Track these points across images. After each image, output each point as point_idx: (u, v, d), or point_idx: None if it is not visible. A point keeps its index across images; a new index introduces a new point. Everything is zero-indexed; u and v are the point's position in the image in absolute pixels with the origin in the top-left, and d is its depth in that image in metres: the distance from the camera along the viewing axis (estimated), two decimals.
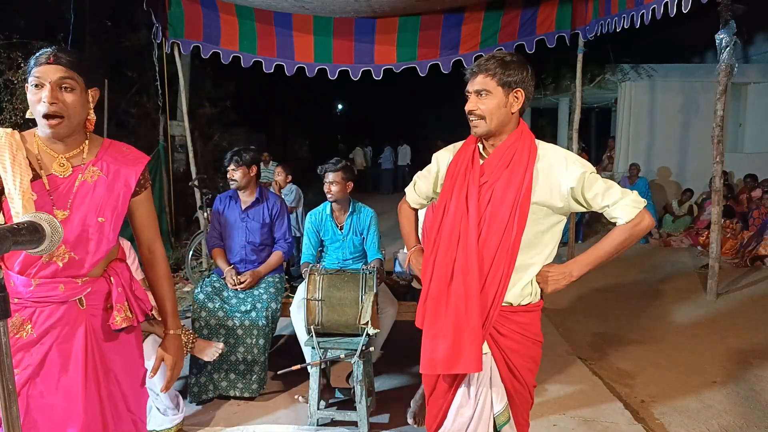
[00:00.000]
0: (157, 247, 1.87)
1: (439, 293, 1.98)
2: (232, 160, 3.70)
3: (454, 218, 1.97)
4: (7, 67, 6.70)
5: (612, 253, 1.94)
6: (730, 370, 4.00)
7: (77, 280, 1.65)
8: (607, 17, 5.65)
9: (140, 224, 1.83)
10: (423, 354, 2.01)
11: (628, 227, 1.89)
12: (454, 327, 1.92)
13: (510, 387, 2.03)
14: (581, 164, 1.91)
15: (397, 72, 6.27)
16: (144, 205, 1.81)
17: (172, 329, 1.89)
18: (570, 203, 1.91)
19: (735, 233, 7.74)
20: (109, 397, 1.71)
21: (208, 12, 5.91)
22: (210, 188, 6.84)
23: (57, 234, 1.26)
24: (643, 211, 1.89)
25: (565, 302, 5.74)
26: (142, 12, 5.84)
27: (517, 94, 1.94)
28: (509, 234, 1.88)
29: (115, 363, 1.75)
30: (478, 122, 1.93)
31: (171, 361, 1.88)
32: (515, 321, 1.98)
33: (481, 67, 1.92)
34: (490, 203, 1.92)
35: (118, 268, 1.76)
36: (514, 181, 1.89)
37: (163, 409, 2.91)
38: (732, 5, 5.38)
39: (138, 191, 1.77)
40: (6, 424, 1.08)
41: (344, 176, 3.56)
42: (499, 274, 1.90)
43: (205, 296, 3.48)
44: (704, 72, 9.27)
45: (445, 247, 1.98)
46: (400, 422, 3.16)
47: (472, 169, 1.98)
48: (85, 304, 1.68)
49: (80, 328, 1.67)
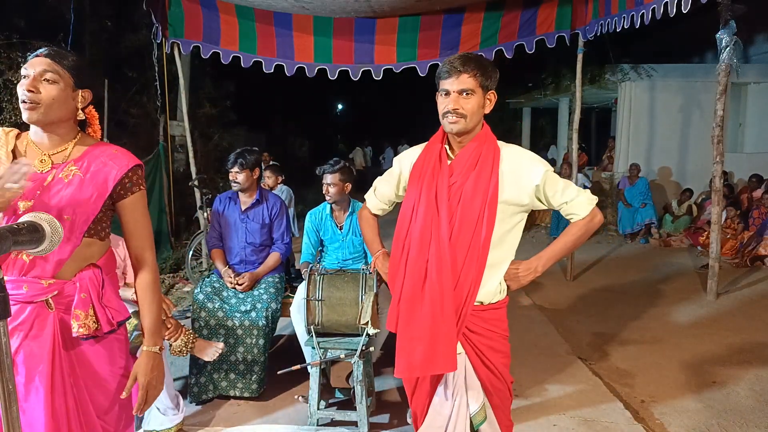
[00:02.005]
0: (146, 257, 1.77)
1: (413, 295, 1.99)
2: (237, 162, 3.67)
3: (424, 219, 1.99)
4: (7, 67, 6.70)
5: (571, 247, 2.08)
6: (730, 370, 4.00)
7: (42, 281, 1.61)
8: (607, 17, 5.65)
9: (128, 230, 1.75)
10: (399, 357, 2.02)
11: (584, 222, 2.03)
12: (430, 328, 1.94)
13: (488, 384, 2.07)
14: (542, 163, 2.01)
15: (396, 72, 6.28)
16: (131, 209, 1.73)
17: (147, 346, 1.75)
18: (533, 200, 1.99)
19: (735, 233, 7.75)
20: (77, 403, 1.65)
21: (208, 12, 5.92)
22: (210, 188, 6.85)
23: (57, 234, 1.26)
24: (596, 208, 2.04)
25: (565, 302, 5.74)
26: (142, 12, 5.85)
27: (490, 96, 2.00)
28: (479, 233, 1.94)
29: (88, 369, 1.69)
30: (458, 120, 1.93)
31: (143, 380, 1.73)
32: (485, 318, 2.03)
33: (464, 67, 1.92)
34: (460, 203, 1.96)
35: (90, 273, 1.68)
36: (481, 181, 1.94)
37: (163, 409, 2.91)
38: (732, 5, 5.37)
39: (123, 194, 1.70)
40: (6, 424, 1.08)
41: (342, 178, 3.55)
42: (471, 272, 1.95)
43: (204, 296, 3.48)
44: (704, 72, 9.26)
45: (417, 248, 1.99)
46: (400, 422, 3.16)
47: (440, 170, 2.00)
48: (54, 306, 1.63)
49: (48, 329, 1.62)
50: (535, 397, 3.48)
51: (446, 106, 1.94)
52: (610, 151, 10.95)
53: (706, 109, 8.90)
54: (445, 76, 1.95)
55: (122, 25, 9.50)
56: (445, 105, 1.94)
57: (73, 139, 1.70)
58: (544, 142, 15.60)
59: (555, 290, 6.17)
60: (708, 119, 7.24)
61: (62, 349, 1.64)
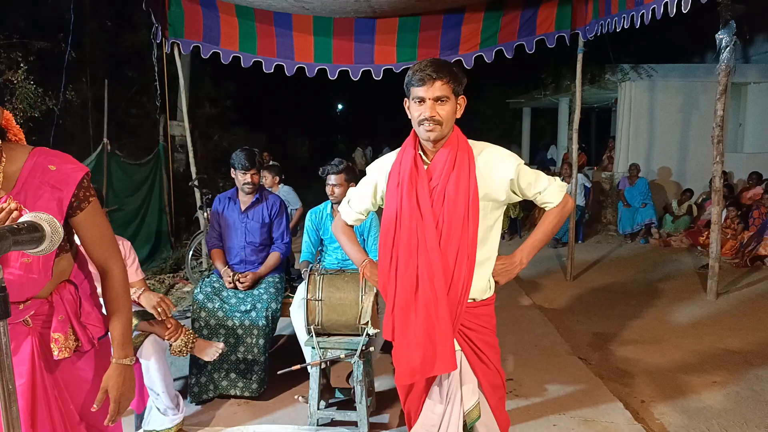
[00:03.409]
0: (112, 265, 1.68)
1: (406, 302, 2.01)
2: (254, 163, 3.63)
3: (409, 225, 2.00)
4: (7, 67, 6.70)
5: (549, 234, 2.16)
6: (730, 370, 4.00)
7: (18, 305, 1.53)
8: (607, 17, 5.65)
9: (87, 243, 1.65)
10: (398, 364, 2.05)
11: (558, 209, 2.12)
12: (425, 332, 1.96)
13: (483, 379, 2.09)
14: (513, 157, 2.05)
15: (396, 72, 6.27)
16: (87, 223, 1.61)
17: (116, 358, 1.68)
18: (509, 194, 2.04)
19: (735, 233, 7.75)
20: (63, 416, 1.61)
21: (208, 12, 5.92)
22: (210, 188, 6.84)
23: (57, 234, 1.25)
24: (567, 195, 2.13)
25: (565, 302, 5.74)
26: (142, 12, 5.85)
27: (460, 101, 2.01)
28: (467, 232, 1.97)
29: (74, 380, 1.64)
30: (435, 127, 1.93)
31: (115, 394, 1.65)
32: (478, 315, 2.07)
33: (438, 74, 1.91)
34: (444, 205, 1.97)
35: (65, 292, 1.60)
36: (462, 181, 1.97)
37: (163, 409, 2.91)
38: (732, 5, 5.38)
39: (77, 211, 1.58)
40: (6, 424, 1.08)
41: (347, 178, 3.55)
42: (463, 272, 1.97)
43: (204, 296, 3.48)
44: (704, 72, 9.27)
45: (405, 255, 2.00)
46: (400, 422, 3.16)
47: (418, 175, 2.01)
48: (32, 323, 1.58)
49: (26, 347, 1.56)
50: (535, 397, 3.48)
51: (422, 114, 1.93)
52: (610, 151, 10.95)
53: (706, 109, 8.89)
54: (418, 83, 1.93)
55: (122, 25, 9.51)
56: (421, 113, 1.93)
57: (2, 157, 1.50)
58: (544, 142, 15.60)
59: (555, 290, 6.17)
60: (708, 119, 7.23)
61: (42, 364, 1.58)
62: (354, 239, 2.42)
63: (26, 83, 6.61)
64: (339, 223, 2.41)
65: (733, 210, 7.92)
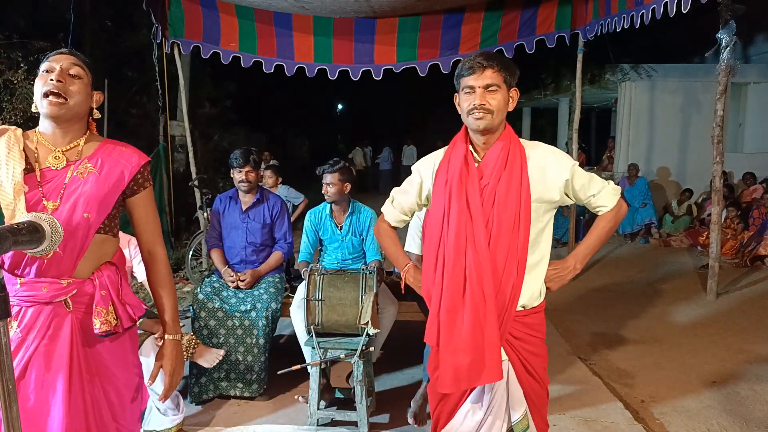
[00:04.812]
0: (158, 250, 1.82)
1: (453, 305, 1.90)
2: (249, 160, 3.64)
3: (458, 225, 1.89)
4: (7, 67, 6.69)
5: (603, 239, 2.07)
6: (730, 370, 4.00)
7: (61, 281, 1.62)
8: (607, 17, 5.65)
9: (139, 225, 1.79)
10: (444, 371, 1.93)
11: (612, 213, 2.01)
12: (473, 337, 1.87)
13: (528, 389, 2.00)
14: (567, 157, 1.98)
15: (397, 72, 6.27)
16: (142, 205, 1.77)
17: (170, 334, 1.82)
18: (562, 196, 1.95)
19: (735, 233, 7.75)
20: (93, 403, 1.67)
21: (208, 12, 5.92)
22: (210, 188, 6.84)
23: (57, 234, 1.26)
24: (621, 198, 2.02)
25: (565, 302, 5.73)
26: (142, 12, 5.85)
27: (513, 93, 1.94)
28: (517, 234, 1.88)
29: (103, 369, 1.70)
30: (485, 116, 1.85)
31: (170, 367, 1.80)
32: (528, 323, 1.98)
33: (488, 62, 1.86)
34: (495, 205, 1.88)
35: (106, 271, 1.70)
36: (514, 181, 1.88)
37: (163, 409, 2.91)
38: (732, 5, 5.37)
39: (136, 190, 1.75)
40: (6, 424, 1.08)
41: (341, 178, 3.55)
42: (512, 276, 1.88)
43: (204, 296, 3.48)
44: (704, 72, 9.26)
45: (453, 256, 1.90)
46: (400, 422, 3.16)
47: (468, 173, 1.92)
48: (72, 305, 1.64)
49: (66, 329, 1.63)
50: None
51: (471, 103, 1.86)
52: (610, 151, 10.96)
53: (706, 109, 8.89)
54: (467, 73, 1.88)
55: (122, 25, 9.50)
56: (471, 102, 1.86)
57: (84, 135, 1.73)
58: (543, 142, 15.57)
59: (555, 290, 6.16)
60: (708, 119, 7.23)
61: (80, 350, 1.65)
62: (397, 242, 2.28)
63: (26, 83, 6.60)
64: (382, 224, 2.26)
65: (733, 210, 7.93)
